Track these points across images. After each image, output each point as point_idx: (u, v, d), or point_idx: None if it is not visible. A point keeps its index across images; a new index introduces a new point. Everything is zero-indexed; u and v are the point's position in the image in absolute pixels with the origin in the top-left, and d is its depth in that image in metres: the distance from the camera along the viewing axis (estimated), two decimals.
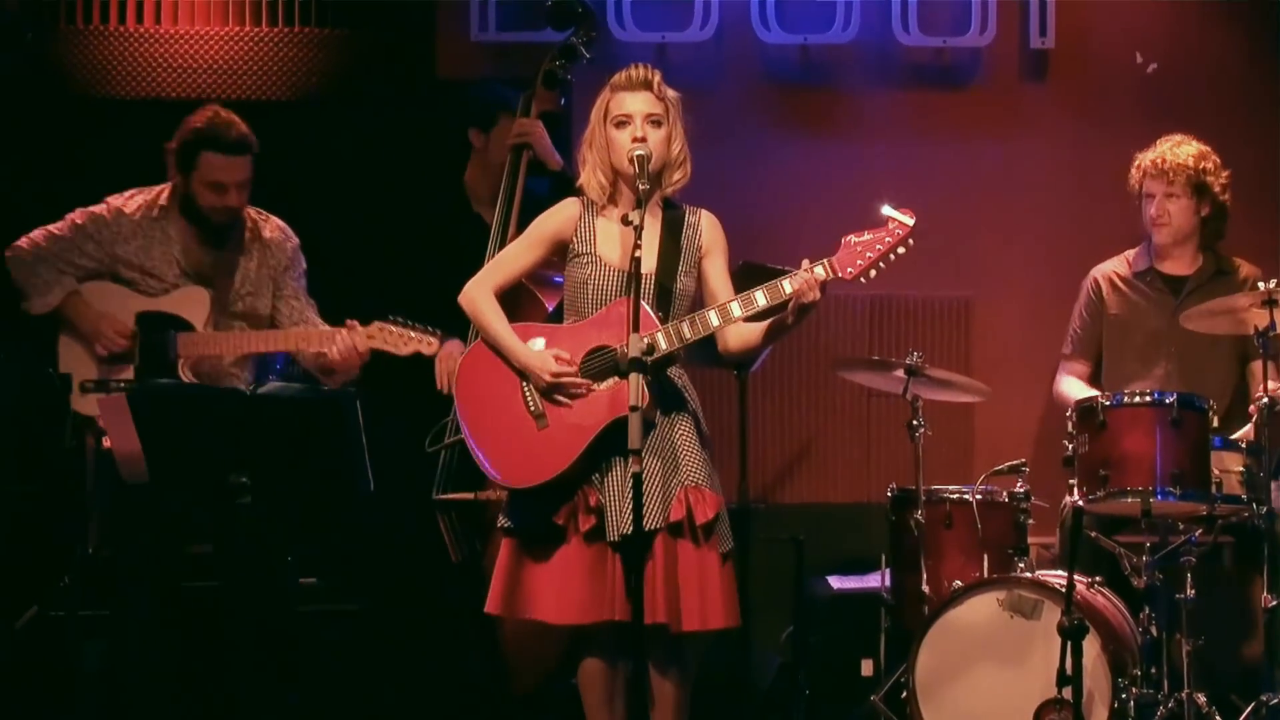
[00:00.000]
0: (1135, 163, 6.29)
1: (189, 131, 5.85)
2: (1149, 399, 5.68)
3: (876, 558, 6.28)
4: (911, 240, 4.99)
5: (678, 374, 5.15)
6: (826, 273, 4.96)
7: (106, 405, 5.24)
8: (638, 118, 5.08)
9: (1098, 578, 5.82)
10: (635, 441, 4.70)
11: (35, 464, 6.23)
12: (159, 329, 5.76)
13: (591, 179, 5.15)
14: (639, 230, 4.89)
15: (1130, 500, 5.59)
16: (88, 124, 6.95)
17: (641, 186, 4.99)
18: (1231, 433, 5.83)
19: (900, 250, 5.00)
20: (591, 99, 5.20)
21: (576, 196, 5.21)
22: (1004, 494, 6.00)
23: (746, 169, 7.05)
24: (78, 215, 5.92)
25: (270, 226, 6.01)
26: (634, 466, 4.73)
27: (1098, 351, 6.39)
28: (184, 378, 5.70)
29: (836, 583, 6.66)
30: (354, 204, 6.88)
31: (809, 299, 4.94)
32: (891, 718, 5.90)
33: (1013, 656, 5.60)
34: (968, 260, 7.17)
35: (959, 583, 5.79)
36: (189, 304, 5.80)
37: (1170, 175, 6.19)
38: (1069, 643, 5.25)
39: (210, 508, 5.38)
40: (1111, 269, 6.41)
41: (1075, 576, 5.37)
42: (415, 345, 5.75)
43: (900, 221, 4.99)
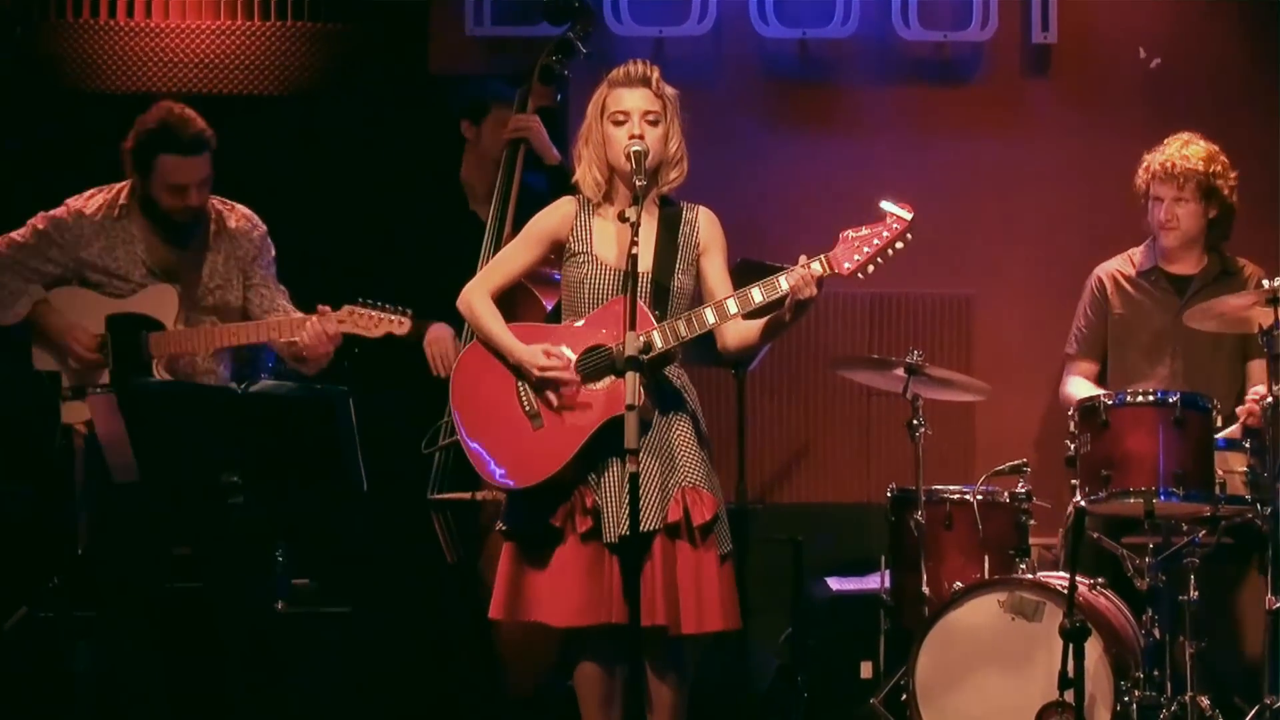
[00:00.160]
0: (1143, 164, 6.23)
1: (143, 133, 5.70)
2: (1152, 398, 5.67)
3: (876, 559, 6.28)
4: (910, 235, 4.97)
5: (676, 373, 5.13)
6: (823, 268, 4.94)
7: (97, 405, 5.23)
8: (635, 115, 5.06)
9: (1100, 579, 5.81)
10: (632, 441, 4.68)
11: (24, 464, 6.21)
12: (129, 330, 5.70)
13: (587, 175, 5.14)
14: (635, 228, 4.87)
15: (1133, 501, 5.58)
16: (78, 119, 6.94)
17: (638, 183, 4.97)
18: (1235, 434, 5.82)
19: (898, 245, 4.97)
20: (588, 94, 5.19)
21: (572, 195, 5.21)
22: (1005, 494, 5.99)
23: (744, 166, 7.04)
24: (39, 220, 5.81)
25: (235, 216, 5.89)
26: (631, 466, 4.72)
27: (1103, 351, 6.36)
28: (159, 377, 5.66)
29: (835, 584, 6.66)
30: (347, 201, 6.87)
31: (805, 295, 4.92)
32: None
33: (1014, 659, 5.59)
34: (968, 258, 7.16)
35: (959, 584, 5.78)
36: (158, 303, 5.74)
37: (1180, 180, 6.13)
38: (1071, 645, 5.26)
39: (201, 507, 5.37)
40: (1116, 267, 6.39)
41: (1077, 578, 5.38)
42: (387, 326, 5.69)
43: (898, 216, 4.97)
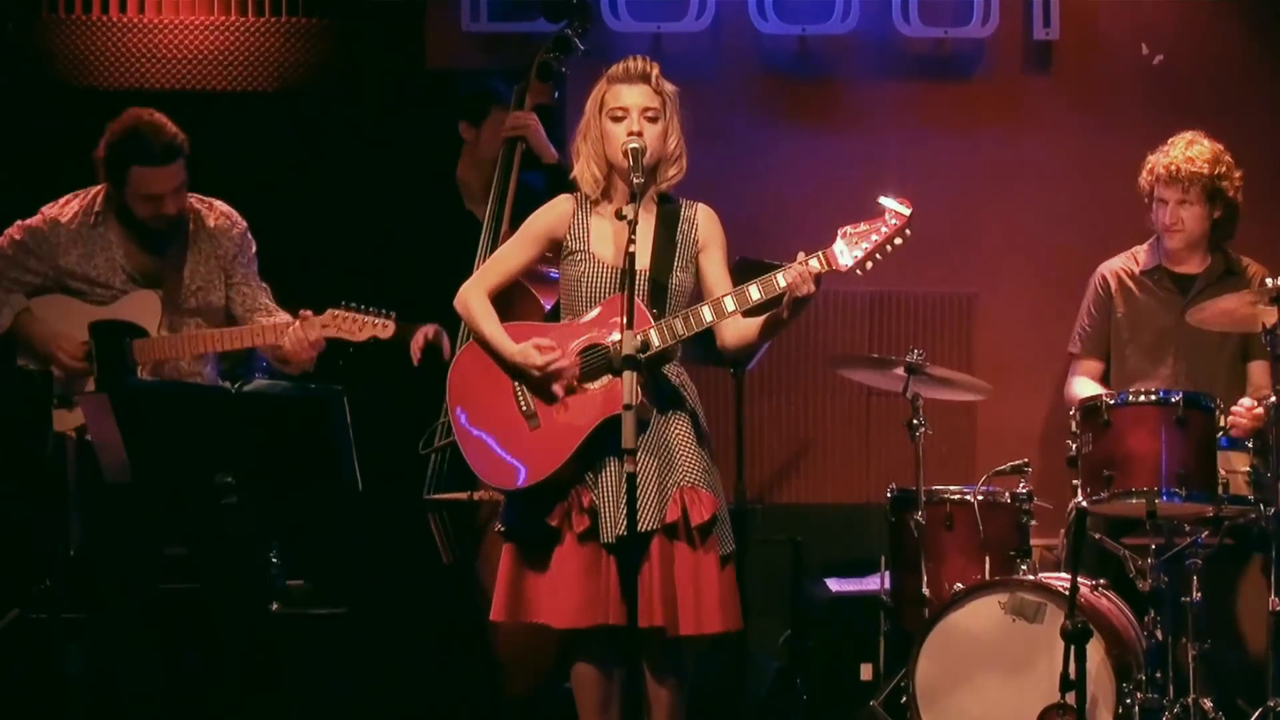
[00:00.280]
0: (1147, 165, 6.21)
1: (113, 144, 5.68)
2: (1154, 398, 5.67)
3: (876, 560, 6.28)
4: (909, 230, 4.95)
5: (676, 372, 5.12)
6: (821, 265, 4.92)
7: (89, 404, 5.22)
8: (634, 111, 5.05)
9: (1102, 580, 5.81)
10: (629, 441, 4.67)
11: (15, 464, 6.20)
12: (113, 338, 5.68)
13: (585, 172, 5.13)
14: (633, 225, 4.86)
15: (1135, 501, 5.58)
16: (70, 115, 6.93)
17: (635, 180, 4.96)
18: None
19: (897, 241, 4.95)
20: (585, 91, 5.18)
21: (570, 192, 5.20)
22: (1006, 495, 5.99)
23: (743, 163, 7.04)
24: (15, 231, 5.80)
25: (214, 214, 5.86)
26: (628, 466, 4.71)
27: (1107, 349, 6.35)
28: None
29: (835, 585, 6.65)
30: (342, 199, 6.87)
31: (803, 292, 4.91)
32: None
33: (1015, 661, 5.59)
34: (969, 255, 7.16)
35: (960, 585, 5.77)
36: (140, 309, 5.72)
37: (1185, 183, 6.11)
38: (1072, 647, 5.25)
39: (195, 508, 5.36)
40: (1120, 266, 6.37)
41: (1079, 579, 5.38)
42: (370, 330, 5.68)
43: (896, 211, 4.95)
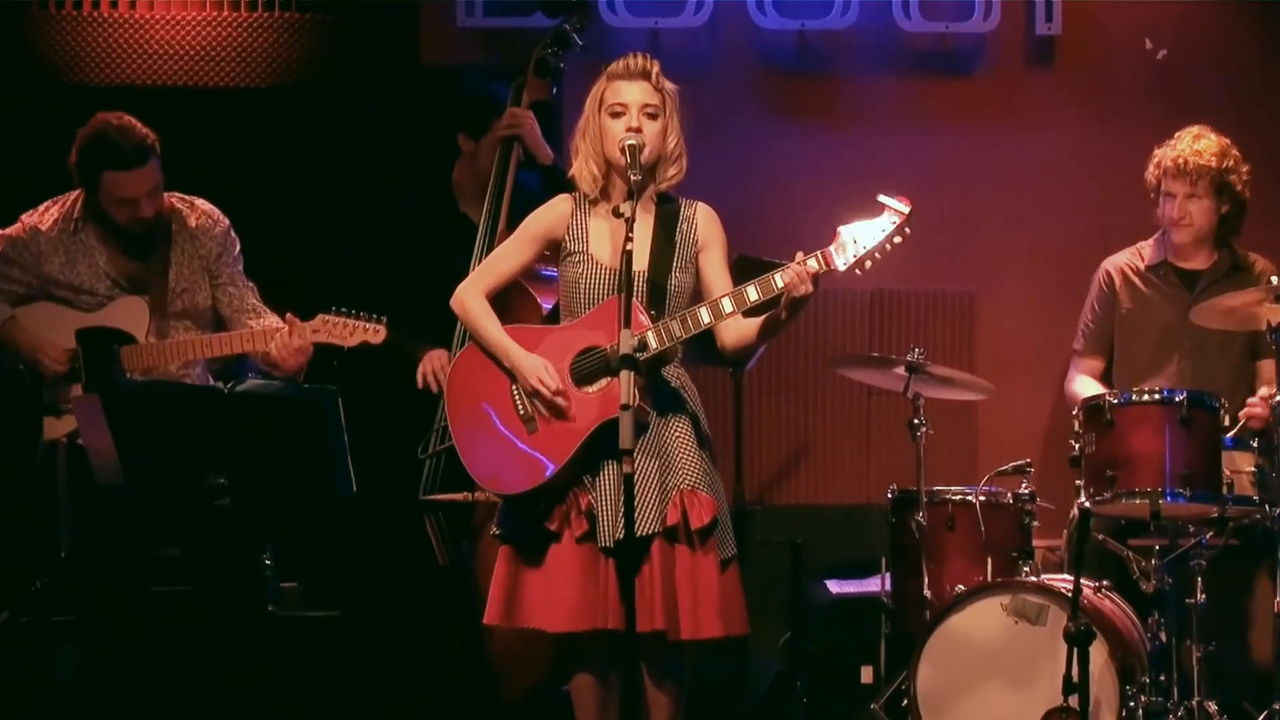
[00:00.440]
0: (1154, 159, 6.21)
1: (83, 149, 5.68)
2: (1158, 397, 5.66)
3: (876, 561, 6.28)
4: (909, 228, 4.94)
5: (676, 373, 5.12)
6: (819, 264, 4.91)
7: (80, 405, 5.22)
8: (633, 108, 5.05)
9: (1105, 582, 5.81)
10: (626, 442, 4.66)
11: (5, 466, 6.20)
12: (100, 345, 5.68)
13: (584, 169, 5.13)
14: (630, 223, 4.85)
15: (1139, 502, 5.58)
16: (61, 112, 6.91)
17: (633, 178, 4.95)
18: (1242, 432, 5.81)
19: (897, 239, 4.94)
20: (582, 87, 5.18)
21: (569, 192, 5.20)
22: (1008, 495, 5.99)
23: (742, 160, 7.03)
24: None
25: (196, 214, 5.85)
26: (626, 468, 4.70)
27: (1111, 346, 6.35)
28: None
29: (835, 587, 6.65)
30: (335, 195, 6.86)
31: (800, 293, 4.90)
32: None
33: (1017, 663, 5.59)
34: (971, 253, 7.16)
35: (962, 587, 5.78)
36: (127, 316, 5.72)
37: (1193, 176, 6.12)
38: (1075, 649, 5.26)
39: (187, 509, 5.36)
40: (1124, 262, 6.37)
41: (1082, 580, 5.38)
42: (361, 335, 5.68)
43: (896, 209, 4.93)
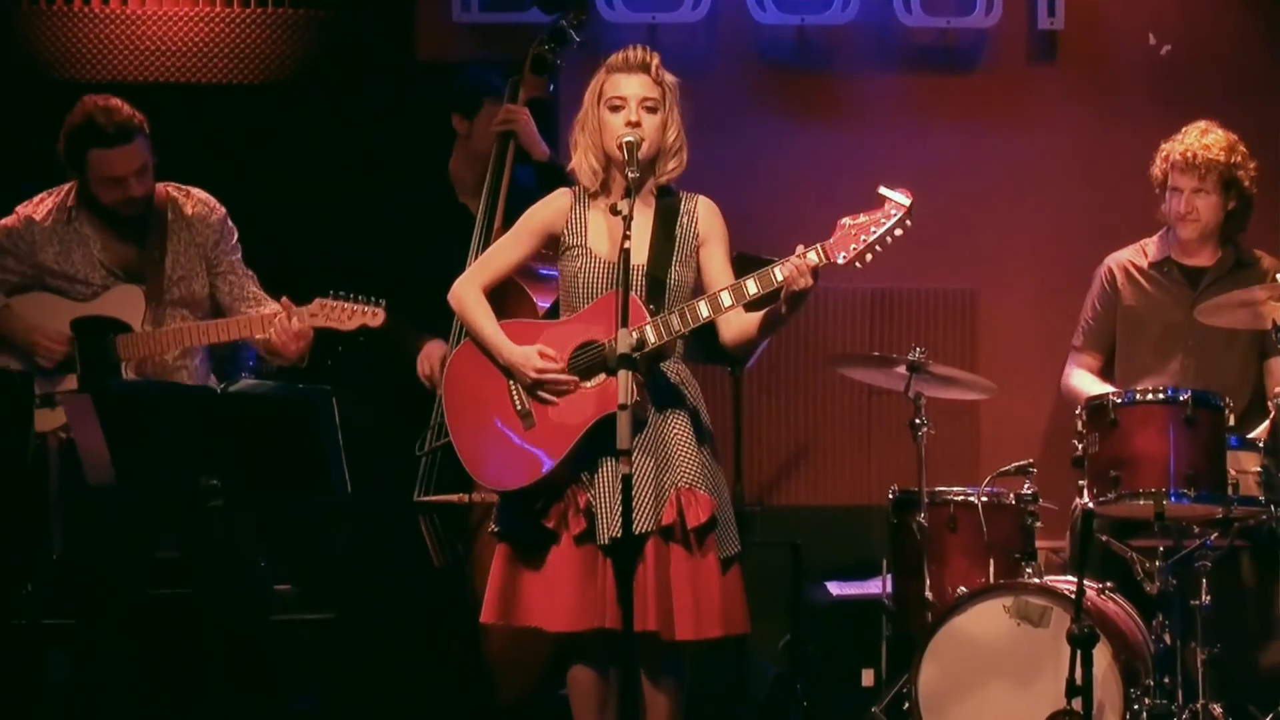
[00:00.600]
0: (1161, 153, 6.21)
1: (69, 132, 5.70)
2: (1162, 396, 5.65)
3: (877, 563, 6.28)
4: (909, 221, 4.93)
5: (676, 369, 5.11)
6: (819, 258, 4.91)
7: (71, 405, 5.22)
8: (632, 101, 5.05)
9: (1109, 583, 5.81)
10: (624, 441, 4.65)
11: None
12: (96, 334, 5.69)
13: (582, 163, 5.13)
14: (628, 219, 4.85)
15: (1143, 502, 5.57)
16: (51, 109, 6.91)
17: (630, 174, 4.96)
18: (1248, 431, 5.81)
19: (898, 232, 4.93)
20: (578, 83, 5.19)
21: (568, 187, 5.20)
22: (1011, 496, 5.98)
23: (740, 156, 7.03)
24: None
25: (192, 202, 5.86)
26: (623, 467, 4.70)
27: (1110, 344, 6.36)
28: (128, 379, 5.64)
29: (836, 589, 6.66)
30: (330, 193, 6.86)
31: (800, 286, 4.89)
32: None
33: (1020, 666, 5.59)
34: (973, 251, 7.16)
35: (964, 589, 5.77)
36: (123, 304, 5.72)
37: (1202, 171, 6.11)
38: (1079, 651, 5.26)
39: (180, 511, 5.36)
40: (1127, 258, 6.37)
41: (1085, 582, 5.38)
42: (360, 318, 5.68)
43: (896, 202, 4.93)
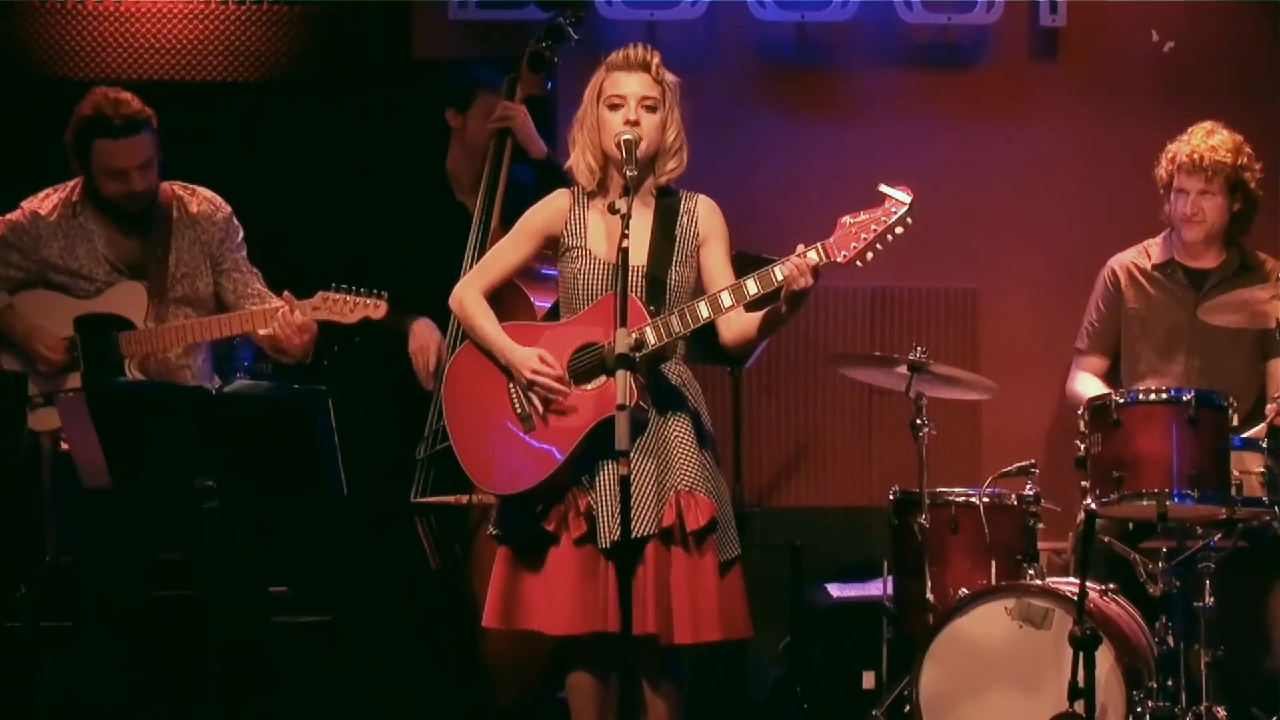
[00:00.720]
0: (1167, 154, 6.20)
1: (78, 122, 5.71)
2: (1165, 396, 5.65)
3: (878, 564, 6.28)
4: (910, 219, 4.93)
5: (677, 370, 5.12)
6: (819, 257, 4.91)
7: (65, 407, 5.22)
8: (632, 100, 5.05)
9: (1111, 585, 5.80)
10: (623, 443, 4.65)
11: None
12: (99, 331, 5.70)
13: (581, 161, 5.13)
14: (626, 219, 4.85)
15: (1146, 503, 5.56)
16: (44, 107, 6.91)
17: (629, 173, 4.96)
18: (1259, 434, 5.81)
19: (898, 230, 4.93)
20: (575, 81, 5.19)
21: (567, 186, 5.20)
22: (1013, 497, 5.98)
23: (740, 154, 7.03)
24: None
25: (197, 200, 5.87)
26: (621, 469, 4.69)
27: (1115, 346, 6.36)
28: (131, 378, 5.64)
29: (836, 591, 6.66)
30: (328, 191, 6.86)
31: (800, 285, 4.90)
32: None
33: (1022, 668, 5.59)
34: (974, 249, 7.16)
35: (965, 590, 5.77)
36: (125, 301, 5.73)
37: (1209, 173, 6.11)
38: (1081, 654, 5.27)
39: (175, 512, 5.36)
40: (1130, 260, 6.37)
41: (1088, 584, 5.39)
42: (362, 310, 5.68)
43: (897, 199, 4.93)
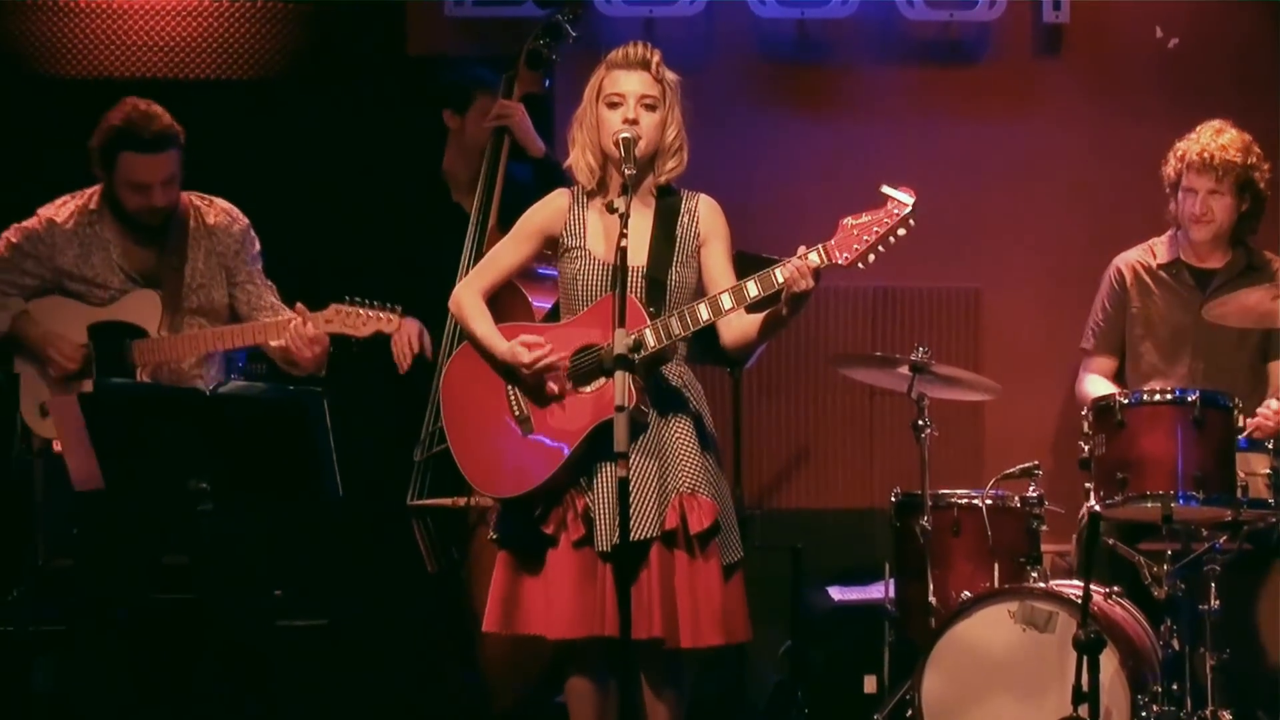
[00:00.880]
0: (1176, 153, 6.19)
1: (107, 131, 5.73)
2: (1170, 397, 5.65)
3: (880, 567, 6.27)
4: (912, 220, 4.92)
5: (678, 371, 5.11)
6: (820, 259, 4.91)
7: (57, 408, 5.22)
8: (631, 98, 5.05)
9: (1116, 588, 5.81)
10: (621, 445, 4.65)
11: None
12: (112, 339, 5.71)
13: (580, 160, 5.12)
14: (624, 218, 4.84)
15: (1150, 505, 5.57)
16: (35, 105, 6.93)
17: (627, 171, 4.95)
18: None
19: (900, 231, 4.93)
20: (574, 79, 5.19)
21: (565, 185, 5.20)
22: (1016, 499, 5.98)
23: (740, 152, 7.03)
24: (12, 234, 5.85)
25: (214, 211, 5.91)
26: (620, 471, 4.68)
27: (1122, 346, 6.34)
28: None
29: (837, 594, 6.66)
30: (321, 191, 6.85)
31: (801, 288, 4.89)
32: None
33: (1025, 672, 5.58)
34: (976, 249, 7.16)
35: (968, 593, 5.78)
36: (140, 309, 5.76)
37: (1219, 172, 6.10)
38: (1085, 657, 5.26)
39: (170, 515, 5.36)
40: (1136, 259, 6.37)
41: (1092, 586, 5.38)
42: (375, 324, 5.70)
43: (899, 200, 4.93)
